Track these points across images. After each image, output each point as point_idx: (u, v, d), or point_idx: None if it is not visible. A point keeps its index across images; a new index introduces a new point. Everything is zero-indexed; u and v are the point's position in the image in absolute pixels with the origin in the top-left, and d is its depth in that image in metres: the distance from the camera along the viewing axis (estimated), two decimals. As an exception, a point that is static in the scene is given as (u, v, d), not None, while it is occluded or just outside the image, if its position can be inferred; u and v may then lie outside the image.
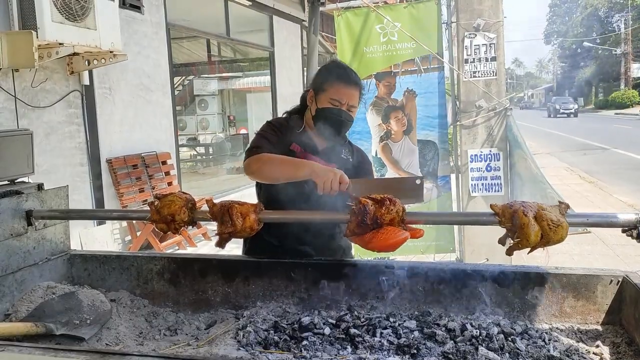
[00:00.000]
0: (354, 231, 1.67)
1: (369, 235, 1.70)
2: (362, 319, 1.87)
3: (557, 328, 1.79)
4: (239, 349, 1.75)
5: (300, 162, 2.01)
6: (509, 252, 1.65)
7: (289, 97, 10.26)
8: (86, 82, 5.34)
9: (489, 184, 4.17)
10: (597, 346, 1.65)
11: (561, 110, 40.95)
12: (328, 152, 2.24)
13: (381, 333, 1.76)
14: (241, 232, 1.79)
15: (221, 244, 1.82)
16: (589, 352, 1.64)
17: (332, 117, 2.16)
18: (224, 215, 1.78)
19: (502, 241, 1.69)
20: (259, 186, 2.33)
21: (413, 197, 1.89)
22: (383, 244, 1.66)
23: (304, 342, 1.74)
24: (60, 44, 4.34)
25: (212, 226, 6.17)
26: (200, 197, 3.88)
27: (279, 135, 2.22)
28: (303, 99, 2.33)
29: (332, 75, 2.22)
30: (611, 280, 1.76)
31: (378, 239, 1.67)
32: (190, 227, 1.94)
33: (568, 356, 1.59)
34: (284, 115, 2.39)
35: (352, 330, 1.78)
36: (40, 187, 2.14)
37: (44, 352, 1.28)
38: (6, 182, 2.11)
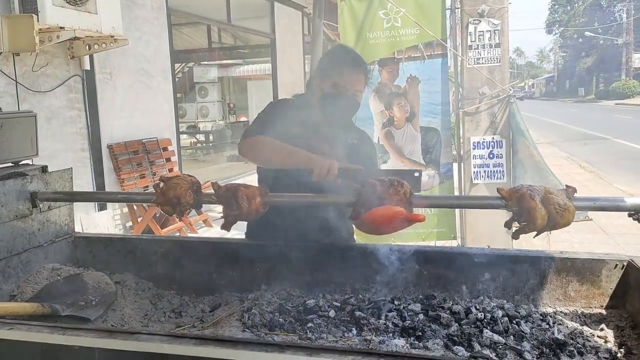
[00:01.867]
0: (359, 212, 1.66)
1: (367, 213, 1.68)
2: (367, 302, 1.88)
3: (561, 312, 1.80)
4: (245, 330, 1.75)
5: (296, 150, 2.00)
6: (515, 236, 1.65)
7: (290, 84, 10.21)
8: (87, 66, 5.31)
9: (491, 171, 4.17)
10: (602, 329, 1.66)
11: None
12: (334, 137, 2.23)
13: (386, 316, 1.77)
14: (247, 215, 1.79)
15: (227, 226, 1.82)
16: (593, 335, 1.65)
17: (338, 102, 2.15)
18: (230, 198, 1.78)
19: (508, 225, 1.69)
20: (260, 174, 2.32)
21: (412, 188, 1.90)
22: (377, 215, 1.65)
23: (309, 325, 1.75)
24: (61, 28, 4.31)
25: (213, 213, 6.15)
26: (204, 182, 3.87)
27: (281, 118, 2.19)
28: (309, 84, 2.31)
29: (337, 60, 2.21)
30: (616, 265, 1.76)
31: (374, 212, 1.65)
32: (191, 214, 1.95)
33: (572, 339, 1.60)
34: (291, 98, 2.37)
35: (357, 313, 1.79)
36: (44, 169, 2.13)
37: (52, 330, 1.28)
38: (10, 164, 2.10)
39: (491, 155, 4.17)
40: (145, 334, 1.25)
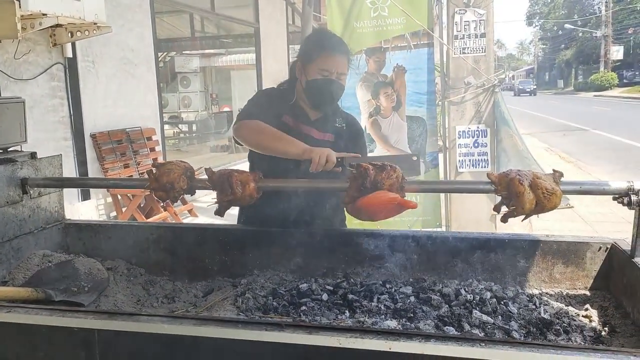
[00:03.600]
0: (353, 196, 1.69)
1: (361, 198, 1.70)
2: (359, 286, 1.92)
3: (547, 293, 1.85)
4: (239, 314, 1.78)
5: (293, 141, 2.01)
6: (504, 220, 1.69)
7: (274, 74, 10.17)
8: (69, 54, 5.22)
9: (476, 159, 4.24)
10: (586, 309, 1.72)
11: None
12: (321, 122, 2.25)
13: (378, 298, 1.81)
14: (241, 200, 1.81)
15: (221, 212, 1.83)
16: (578, 315, 1.70)
17: (323, 87, 2.15)
18: (224, 184, 1.79)
19: (497, 209, 1.73)
20: (252, 162, 2.32)
21: (411, 172, 1.93)
22: (371, 201, 1.66)
23: (303, 308, 1.78)
24: (43, 14, 4.23)
25: (199, 203, 6.12)
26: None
27: (270, 105, 2.20)
28: (292, 70, 2.31)
29: (318, 45, 2.20)
30: (600, 247, 1.82)
31: (368, 198, 1.67)
32: (176, 204, 1.95)
33: (558, 318, 1.66)
34: (276, 87, 2.38)
35: (350, 296, 1.83)
36: (33, 155, 2.12)
37: (51, 312, 1.29)
38: (-1, 151, 2.08)
39: (476, 144, 4.23)
40: (146, 315, 1.27)
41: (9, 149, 2.10)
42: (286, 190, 1.99)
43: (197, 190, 1.89)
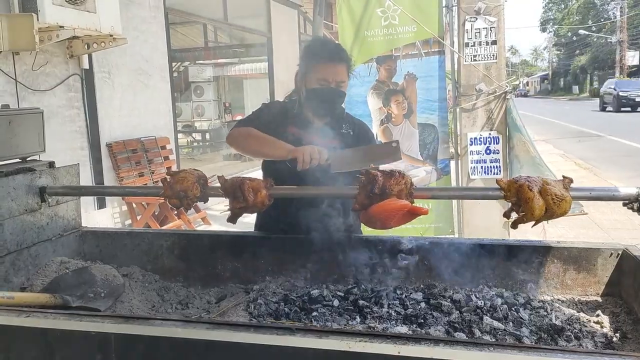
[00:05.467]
0: (362, 203, 1.71)
1: (372, 207, 1.73)
2: (370, 292, 1.93)
3: (558, 299, 1.85)
4: (251, 319, 1.80)
5: (279, 142, 2.08)
6: (514, 226, 1.69)
7: (286, 82, 10.21)
8: (86, 65, 5.33)
9: (488, 166, 4.23)
10: (597, 316, 1.72)
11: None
12: (326, 130, 2.28)
13: (389, 304, 1.82)
14: (253, 207, 1.84)
15: (233, 219, 1.87)
16: (589, 321, 1.70)
17: (322, 96, 2.21)
18: (236, 191, 1.82)
19: (507, 215, 1.74)
20: (264, 170, 2.37)
21: (392, 157, 1.98)
22: (383, 208, 1.69)
23: (314, 313, 1.80)
24: (60, 27, 4.34)
25: (212, 211, 6.16)
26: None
27: (274, 117, 2.26)
28: (295, 81, 2.36)
29: (315, 54, 2.26)
30: (611, 253, 1.82)
31: (379, 205, 1.69)
32: (189, 212, 1.99)
33: (570, 325, 1.66)
34: (282, 100, 2.43)
35: (361, 302, 1.84)
36: (51, 164, 2.17)
37: (69, 317, 1.33)
38: (18, 160, 2.14)
39: (488, 151, 4.22)
40: (160, 319, 1.29)
41: (27, 159, 2.16)
42: (298, 197, 2.02)
43: (210, 198, 1.92)
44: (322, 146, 2.14)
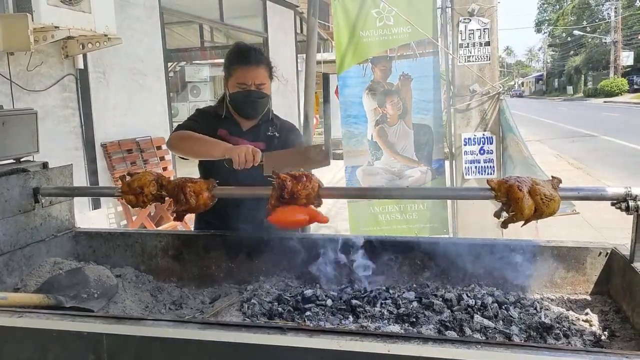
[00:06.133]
0: (274, 205, 1.75)
1: (272, 215, 1.79)
2: (363, 291, 1.95)
3: (548, 298, 1.87)
4: (245, 319, 1.81)
5: (215, 142, 2.14)
6: (504, 225, 1.71)
7: (282, 83, 10.24)
8: (80, 66, 5.32)
9: (482, 166, 4.25)
10: (586, 314, 1.74)
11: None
12: (253, 132, 2.37)
13: (381, 304, 1.84)
14: (196, 209, 1.88)
15: (179, 218, 1.90)
16: (578, 319, 1.72)
17: (243, 99, 2.29)
18: (178, 194, 1.85)
19: (497, 215, 1.76)
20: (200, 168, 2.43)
21: (321, 162, 2.03)
22: (280, 220, 1.77)
23: (307, 313, 1.81)
24: (55, 27, 4.33)
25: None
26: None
27: (206, 121, 2.34)
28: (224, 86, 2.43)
29: (234, 59, 2.34)
30: (600, 252, 1.84)
31: (278, 214, 1.77)
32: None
33: (559, 323, 1.68)
34: (214, 105, 2.51)
35: (354, 302, 1.86)
36: (45, 165, 2.18)
37: (61, 317, 1.33)
38: (12, 161, 2.14)
39: (482, 151, 4.25)
40: (151, 319, 1.31)
41: (21, 159, 2.16)
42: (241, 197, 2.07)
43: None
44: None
